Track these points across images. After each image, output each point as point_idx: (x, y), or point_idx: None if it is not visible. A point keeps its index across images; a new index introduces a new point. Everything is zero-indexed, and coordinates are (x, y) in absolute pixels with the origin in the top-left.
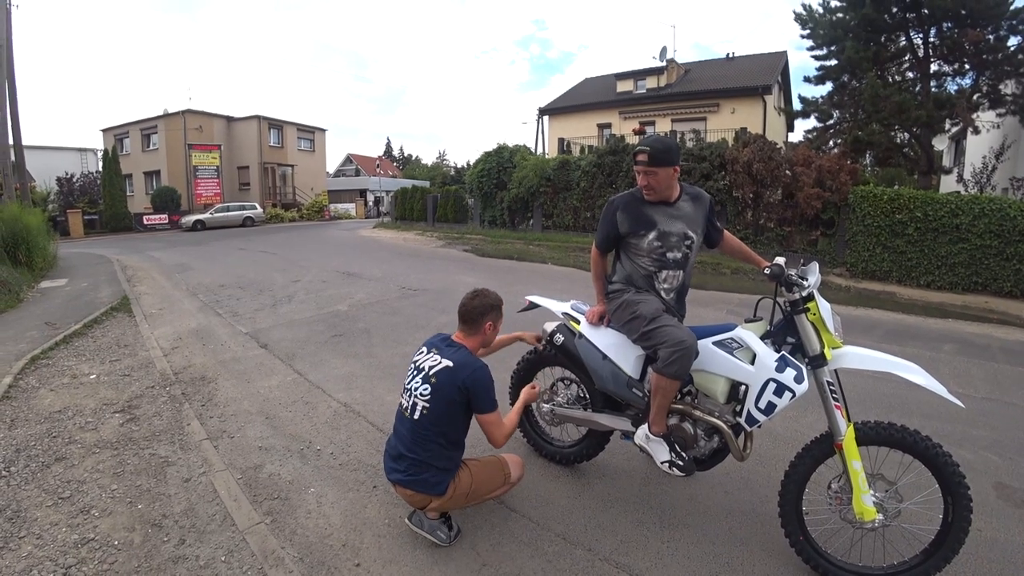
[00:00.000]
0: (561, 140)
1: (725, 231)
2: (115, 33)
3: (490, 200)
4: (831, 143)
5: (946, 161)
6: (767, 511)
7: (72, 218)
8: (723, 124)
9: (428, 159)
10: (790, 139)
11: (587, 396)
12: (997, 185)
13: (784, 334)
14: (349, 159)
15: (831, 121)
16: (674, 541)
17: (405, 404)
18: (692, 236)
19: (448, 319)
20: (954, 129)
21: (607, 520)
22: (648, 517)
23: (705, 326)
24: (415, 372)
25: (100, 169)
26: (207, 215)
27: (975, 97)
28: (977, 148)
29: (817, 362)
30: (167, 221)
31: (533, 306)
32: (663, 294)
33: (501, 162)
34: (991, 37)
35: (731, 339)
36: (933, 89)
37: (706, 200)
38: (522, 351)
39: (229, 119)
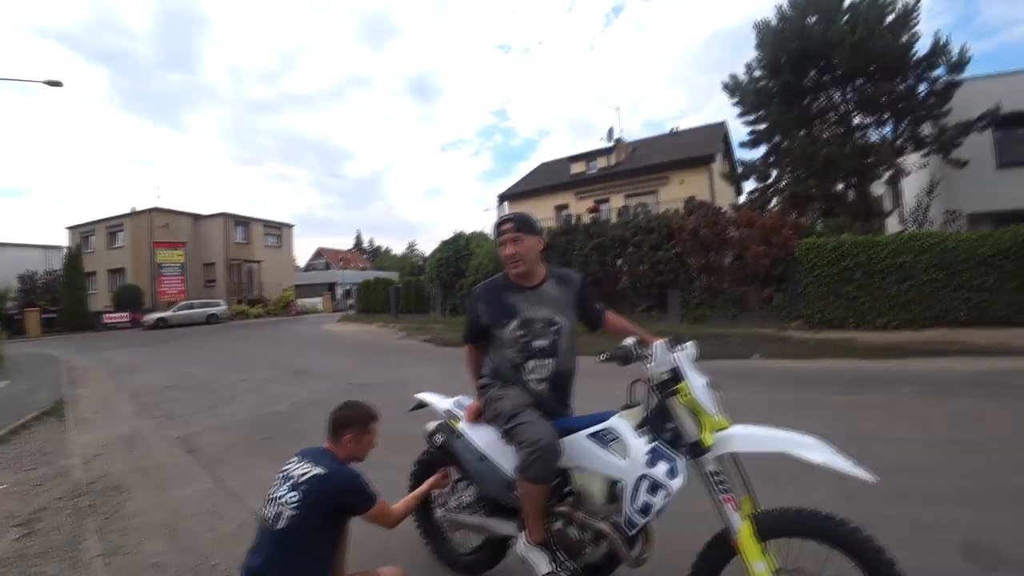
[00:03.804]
0: None
1: (608, 312)
2: (85, 131)
3: (450, 288)
4: (773, 201)
5: (887, 205)
6: None
7: (29, 317)
8: (674, 195)
9: (399, 250)
10: (740, 202)
11: (480, 499)
12: (935, 220)
13: (662, 420)
14: (319, 253)
15: (770, 181)
16: None
17: (268, 515)
18: (559, 321)
19: (386, 415)
20: (887, 174)
21: None
22: None
23: (586, 416)
24: (283, 480)
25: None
26: (170, 313)
27: (898, 143)
28: (912, 189)
29: (696, 450)
30: (128, 319)
31: (422, 405)
32: (533, 385)
33: (458, 250)
34: (902, 87)
35: (606, 430)
36: (860, 140)
37: (576, 281)
38: (418, 451)
39: (196, 216)
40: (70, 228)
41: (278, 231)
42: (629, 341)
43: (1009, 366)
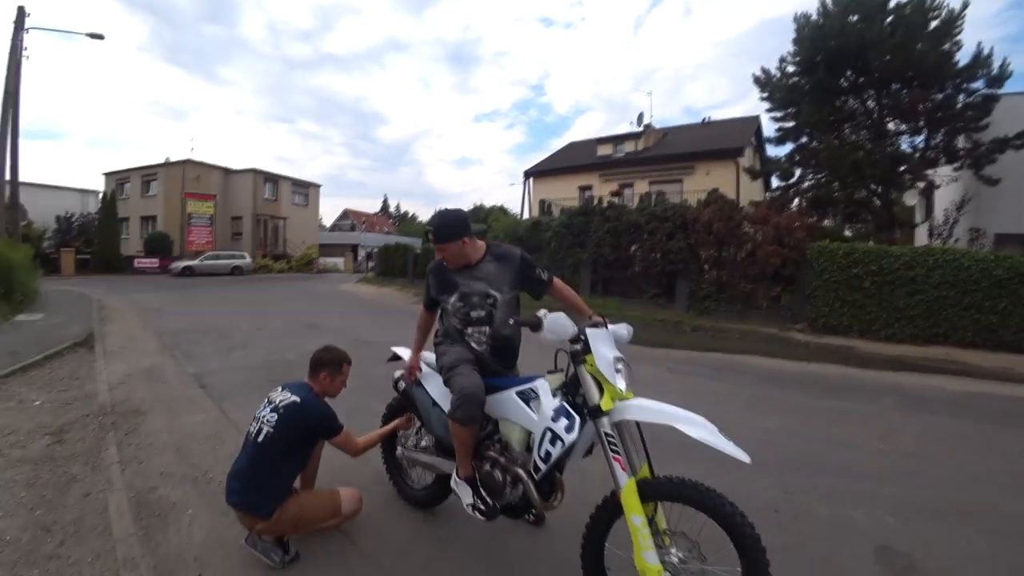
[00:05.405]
0: (542, 201)
1: (555, 280)
2: (124, 79)
3: None
4: (795, 201)
5: (917, 216)
6: None
7: (65, 257)
8: (699, 185)
9: (424, 216)
10: (767, 199)
11: (437, 442)
12: (961, 238)
13: (577, 385)
14: (345, 214)
15: (792, 180)
16: None
17: (252, 430)
18: (494, 295)
19: (383, 371)
20: (921, 184)
21: (439, 564)
22: (478, 566)
23: (520, 377)
24: (267, 404)
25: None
26: (196, 262)
27: (930, 153)
28: (943, 202)
29: (595, 413)
30: (157, 265)
31: (397, 357)
32: (475, 345)
33: (478, 223)
34: (939, 96)
35: (530, 389)
36: (890, 148)
37: (515, 257)
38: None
39: (227, 171)
40: (107, 174)
41: (306, 190)
42: (542, 312)
43: (1002, 391)
